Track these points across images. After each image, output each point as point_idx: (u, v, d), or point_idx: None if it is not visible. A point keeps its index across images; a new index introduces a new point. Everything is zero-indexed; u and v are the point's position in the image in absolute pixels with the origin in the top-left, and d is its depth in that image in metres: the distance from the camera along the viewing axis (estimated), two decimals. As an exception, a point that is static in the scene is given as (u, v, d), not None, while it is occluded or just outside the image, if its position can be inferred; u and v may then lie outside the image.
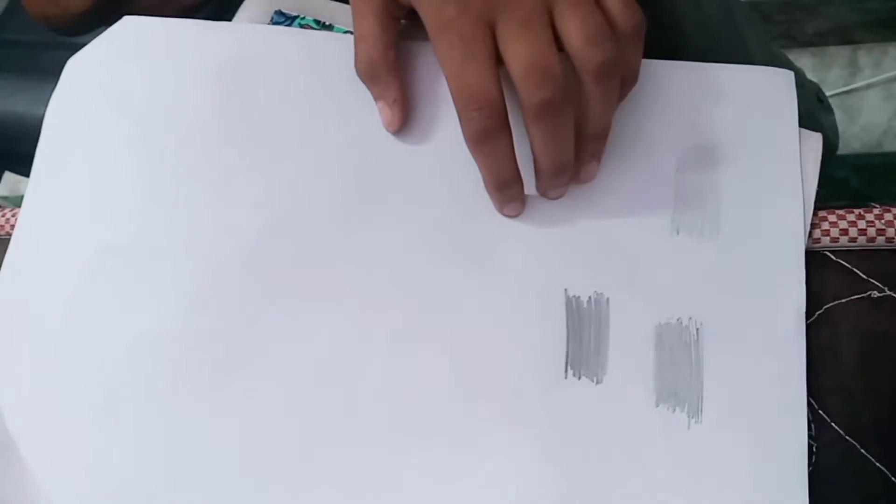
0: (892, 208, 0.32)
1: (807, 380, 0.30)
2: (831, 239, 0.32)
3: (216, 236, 0.32)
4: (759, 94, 0.33)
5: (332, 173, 0.33)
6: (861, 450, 0.30)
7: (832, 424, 0.30)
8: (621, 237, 0.32)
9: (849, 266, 0.31)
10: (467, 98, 0.28)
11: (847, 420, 0.30)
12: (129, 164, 0.34)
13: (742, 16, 0.50)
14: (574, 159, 0.30)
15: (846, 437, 0.30)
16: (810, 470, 0.29)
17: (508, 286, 0.31)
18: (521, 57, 0.27)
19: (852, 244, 0.31)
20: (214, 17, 0.37)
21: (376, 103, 0.33)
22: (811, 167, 0.32)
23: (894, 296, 0.31)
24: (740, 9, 0.50)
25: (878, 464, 0.30)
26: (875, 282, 0.31)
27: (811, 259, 0.31)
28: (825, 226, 0.32)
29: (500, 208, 0.32)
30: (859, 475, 0.30)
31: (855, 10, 1.00)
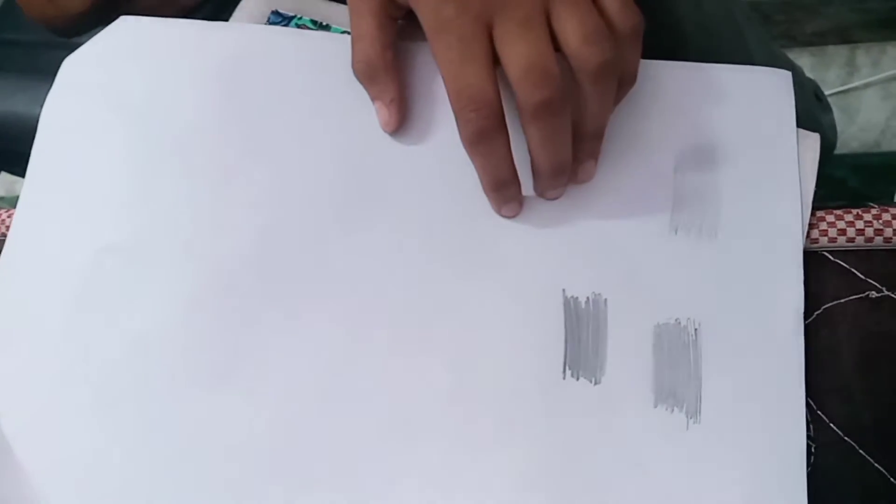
0: (890, 208, 0.32)
1: (805, 380, 0.30)
2: (829, 239, 0.32)
3: (214, 236, 0.32)
4: (758, 95, 0.33)
5: (330, 173, 0.33)
6: (860, 450, 0.30)
7: (831, 425, 0.30)
8: (619, 237, 0.32)
9: (847, 266, 0.31)
10: (464, 99, 0.28)
11: (846, 420, 0.30)
12: (125, 163, 0.34)
13: (742, 15, 0.50)
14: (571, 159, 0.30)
15: (845, 437, 0.30)
16: (809, 470, 0.29)
17: (506, 287, 0.31)
18: (519, 58, 0.27)
19: (850, 244, 0.31)
20: (211, 17, 0.36)
21: (373, 103, 0.33)
22: (809, 167, 0.32)
23: (893, 296, 0.31)
24: (740, 9, 0.50)
25: (876, 464, 0.30)
26: (873, 282, 0.31)
27: (809, 259, 0.31)
28: (823, 226, 0.32)
29: (497, 209, 0.32)
30: (858, 475, 0.30)
31: (854, 10, 1.00)
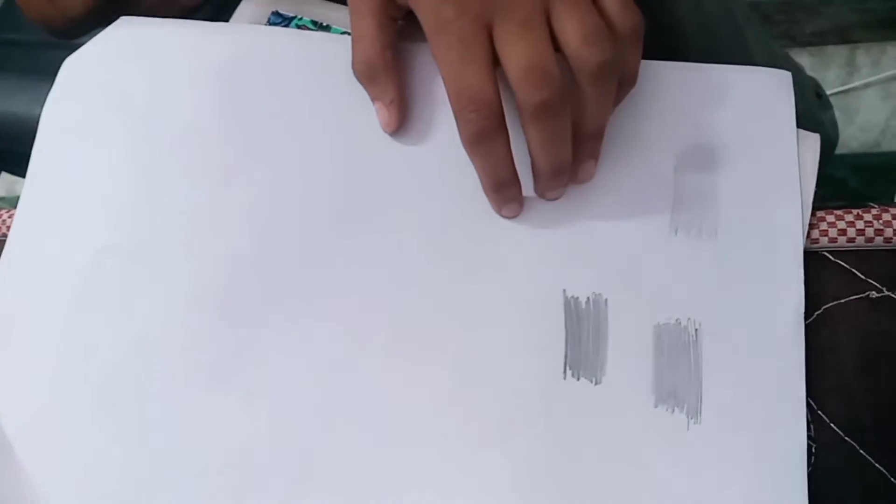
0: (890, 208, 0.32)
1: (806, 380, 0.30)
2: (829, 239, 0.32)
3: (214, 236, 0.32)
4: (758, 95, 0.33)
5: (330, 174, 0.33)
6: (860, 450, 0.30)
7: (831, 425, 0.30)
8: (620, 238, 0.32)
9: (847, 266, 0.31)
10: (464, 99, 0.28)
11: (846, 420, 0.30)
12: (125, 164, 0.34)
13: (742, 15, 0.50)
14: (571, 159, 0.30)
15: (845, 437, 0.30)
16: (809, 470, 0.29)
17: (507, 287, 0.31)
18: (519, 58, 0.27)
19: (850, 244, 0.31)
20: (211, 18, 0.36)
21: (373, 104, 0.33)
22: (809, 167, 0.32)
23: (893, 296, 0.31)
24: (740, 8, 0.50)
25: (877, 464, 0.30)
26: (873, 282, 0.31)
27: (810, 259, 0.31)
28: (823, 226, 0.32)
29: (497, 209, 0.32)
30: (858, 475, 0.30)
31: (854, 10, 1.00)
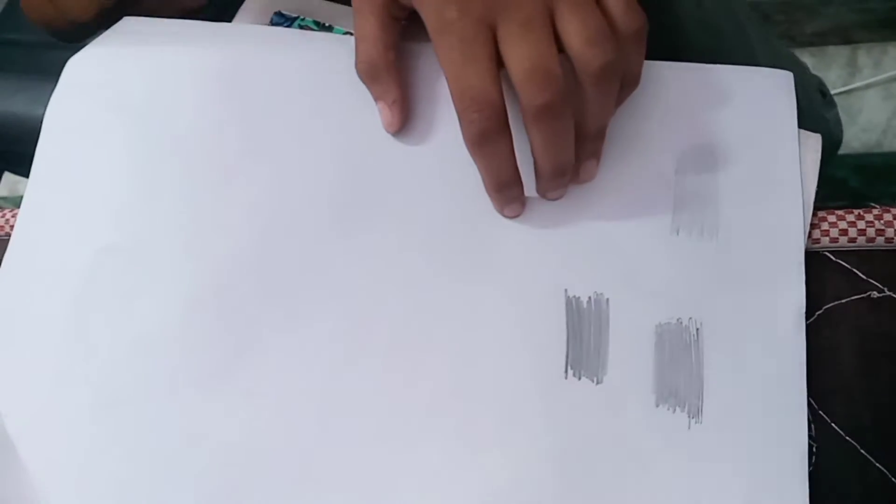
0: (892, 209, 0.32)
1: (807, 380, 0.30)
2: (831, 239, 0.32)
3: (215, 236, 0.32)
4: (759, 95, 0.33)
5: (332, 174, 0.33)
6: (861, 450, 0.30)
7: (832, 425, 0.30)
8: (621, 237, 0.32)
9: (848, 266, 0.31)
10: (468, 100, 0.28)
11: (847, 420, 0.30)
12: (128, 164, 0.34)
13: (744, 14, 0.49)
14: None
15: (846, 437, 0.30)
16: (810, 470, 0.29)
17: (508, 286, 0.31)
18: (522, 59, 0.27)
19: (852, 244, 0.31)
20: (214, 18, 0.36)
21: (376, 104, 0.33)
22: (810, 167, 0.32)
23: (894, 296, 0.31)
24: (742, 7, 0.50)
25: (878, 464, 0.30)
26: (875, 282, 0.31)
27: (811, 259, 0.31)
28: (825, 226, 0.32)
29: (499, 209, 0.32)
30: (859, 475, 0.30)
31: (854, 10, 1.00)
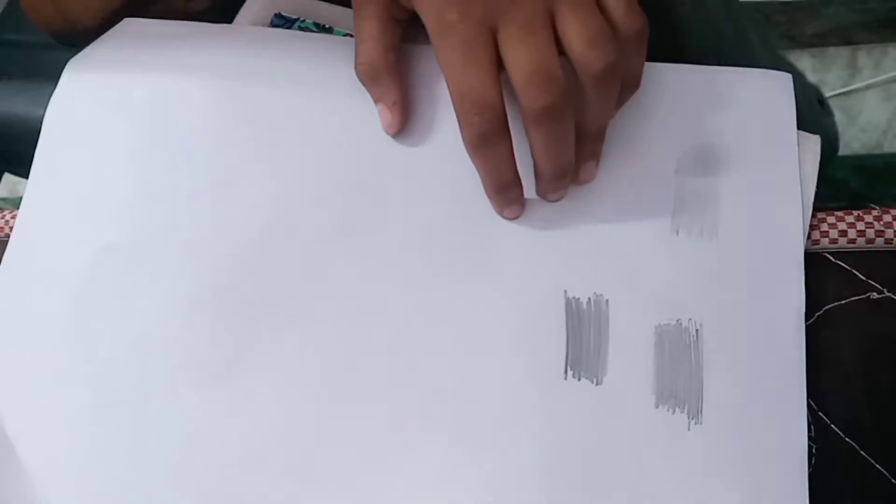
0: (891, 210, 0.32)
1: (806, 381, 0.30)
2: (830, 240, 0.32)
3: (215, 237, 0.32)
4: (758, 96, 0.33)
5: (332, 175, 0.33)
6: (861, 451, 0.30)
7: (832, 426, 0.30)
8: (621, 238, 0.32)
9: (848, 267, 0.31)
10: (468, 102, 0.28)
11: (847, 421, 0.30)
12: (128, 164, 0.34)
13: (744, 16, 0.49)
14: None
15: (846, 438, 0.30)
16: (810, 471, 0.29)
17: (508, 287, 0.31)
18: (523, 62, 0.27)
19: (851, 245, 0.32)
20: (215, 20, 0.36)
21: (376, 105, 0.33)
22: (810, 168, 0.32)
23: (893, 297, 0.31)
24: (743, 10, 0.50)
25: (877, 465, 0.30)
26: (874, 283, 0.31)
27: (810, 260, 0.31)
28: (824, 227, 0.32)
29: (499, 211, 0.32)
30: (859, 477, 0.30)
31: (855, 11, 1.00)
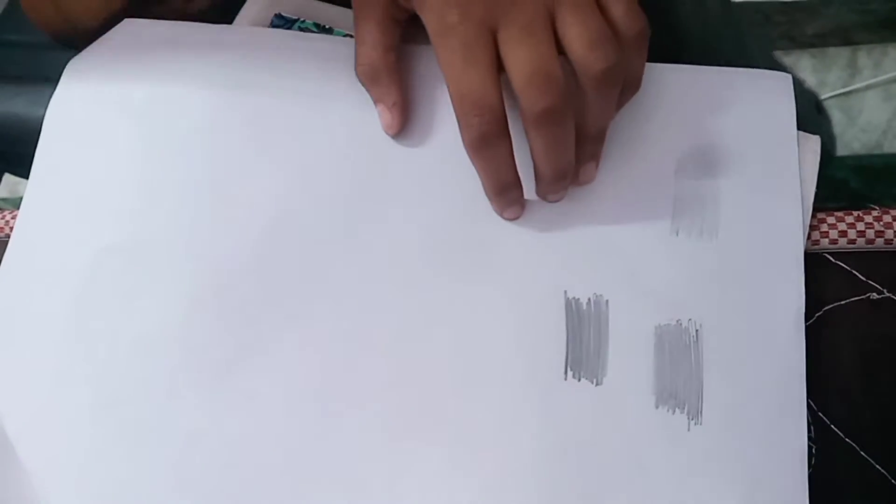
0: (891, 210, 0.32)
1: (806, 382, 0.30)
2: (830, 241, 0.32)
3: (216, 237, 0.33)
4: (758, 97, 0.33)
5: (332, 175, 0.33)
6: (861, 452, 0.30)
7: (832, 426, 0.30)
8: (621, 239, 0.32)
9: (848, 268, 0.31)
10: (468, 104, 0.28)
11: (847, 422, 0.30)
12: (128, 165, 0.34)
13: (744, 18, 0.49)
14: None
15: (846, 439, 0.30)
16: (810, 472, 0.29)
17: (508, 288, 0.31)
18: (523, 63, 0.27)
19: (851, 246, 0.32)
20: (215, 20, 0.37)
21: (376, 106, 0.33)
22: (810, 169, 0.33)
23: (893, 297, 0.31)
24: (743, 10, 0.50)
25: (877, 466, 0.30)
26: (874, 283, 0.31)
27: (810, 261, 0.31)
28: (824, 227, 0.32)
29: (499, 212, 0.32)
30: (859, 477, 0.30)
31: (855, 11, 1.00)
